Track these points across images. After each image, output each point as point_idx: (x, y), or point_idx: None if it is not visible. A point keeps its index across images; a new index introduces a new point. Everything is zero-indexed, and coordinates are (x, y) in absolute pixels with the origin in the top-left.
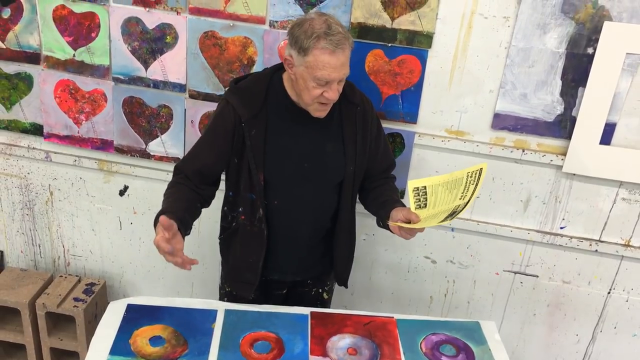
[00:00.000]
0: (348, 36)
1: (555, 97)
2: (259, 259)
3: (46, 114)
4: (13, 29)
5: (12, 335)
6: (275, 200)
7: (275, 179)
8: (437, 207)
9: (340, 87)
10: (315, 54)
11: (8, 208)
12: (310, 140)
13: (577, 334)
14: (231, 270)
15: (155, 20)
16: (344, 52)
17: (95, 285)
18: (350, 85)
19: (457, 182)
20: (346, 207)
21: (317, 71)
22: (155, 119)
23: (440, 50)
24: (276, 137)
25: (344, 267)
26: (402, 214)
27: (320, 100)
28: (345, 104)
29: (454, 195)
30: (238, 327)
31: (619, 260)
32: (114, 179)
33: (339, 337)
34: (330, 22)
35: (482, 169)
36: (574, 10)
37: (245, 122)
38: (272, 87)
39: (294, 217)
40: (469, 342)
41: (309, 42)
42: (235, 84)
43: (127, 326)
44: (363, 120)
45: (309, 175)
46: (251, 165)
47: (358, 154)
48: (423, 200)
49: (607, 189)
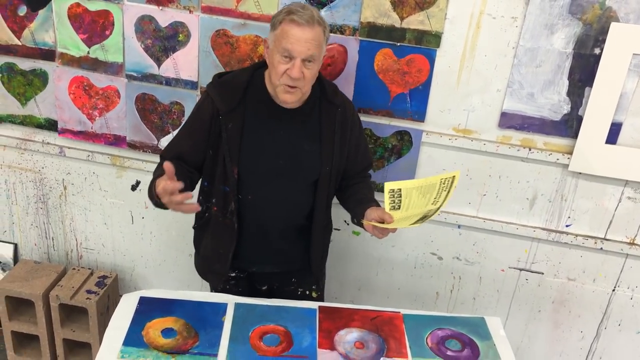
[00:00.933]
0: (322, 21)
1: (562, 96)
2: (229, 251)
3: (60, 110)
4: (29, 27)
5: (26, 326)
6: (249, 195)
7: (249, 174)
8: (410, 210)
9: (307, 71)
10: (283, 26)
11: (22, 202)
12: (287, 138)
13: (581, 330)
14: (202, 260)
15: (168, 18)
16: (313, 29)
17: (107, 278)
18: (333, 87)
19: (430, 188)
20: (321, 206)
21: (282, 41)
22: (167, 116)
23: (449, 49)
24: (252, 132)
25: (317, 265)
26: (377, 214)
27: (284, 80)
28: (325, 104)
29: (427, 200)
30: (248, 321)
31: (624, 258)
32: (126, 174)
33: (347, 331)
34: (307, 5)
35: (454, 177)
36: (581, 11)
37: (223, 115)
38: (252, 83)
39: (266, 212)
40: (475, 337)
41: (280, 17)
42: (218, 77)
43: (140, 318)
44: (342, 121)
45: (283, 173)
46: (226, 159)
47: (335, 155)
48: (397, 202)
49: (612, 187)
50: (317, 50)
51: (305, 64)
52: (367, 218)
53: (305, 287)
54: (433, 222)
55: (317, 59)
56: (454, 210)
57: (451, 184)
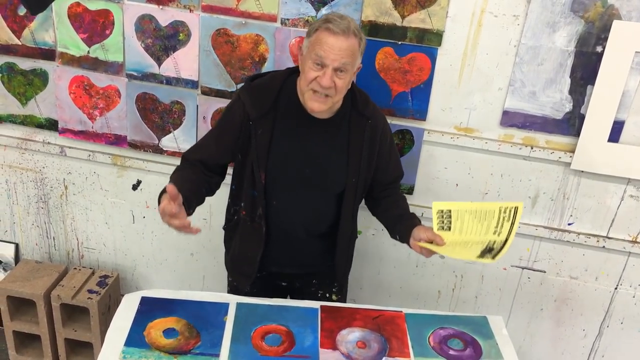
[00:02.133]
0: (358, 34)
1: (564, 94)
2: (257, 254)
3: (61, 110)
4: (29, 26)
5: (27, 326)
6: (274, 201)
7: (275, 180)
8: (465, 234)
9: (338, 80)
10: (318, 33)
11: (23, 201)
12: (315, 148)
13: (583, 329)
14: (230, 261)
15: (169, 17)
16: (347, 39)
17: (109, 277)
18: (365, 97)
19: (488, 214)
20: (346, 216)
21: (316, 48)
22: (168, 115)
23: (450, 48)
24: (281, 139)
25: (342, 272)
26: (426, 235)
27: (314, 86)
28: (355, 115)
29: (486, 228)
30: (249, 320)
31: (626, 257)
32: (127, 174)
33: (349, 330)
34: (346, 16)
35: (517, 208)
36: (583, 9)
37: (253, 121)
38: (284, 89)
39: (292, 219)
40: (477, 336)
41: (316, 24)
42: (250, 81)
43: (142, 318)
44: (372, 134)
45: (309, 182)
46: (254, 164)
47: (362, 168)
48: (447, 222)
49: (615, 186)
50: (349, 59)
51: (336, 73)
52: (415, 237)
53: (325, 290)
54: None
55: (350, 70)
56: None
57: (514, 215)
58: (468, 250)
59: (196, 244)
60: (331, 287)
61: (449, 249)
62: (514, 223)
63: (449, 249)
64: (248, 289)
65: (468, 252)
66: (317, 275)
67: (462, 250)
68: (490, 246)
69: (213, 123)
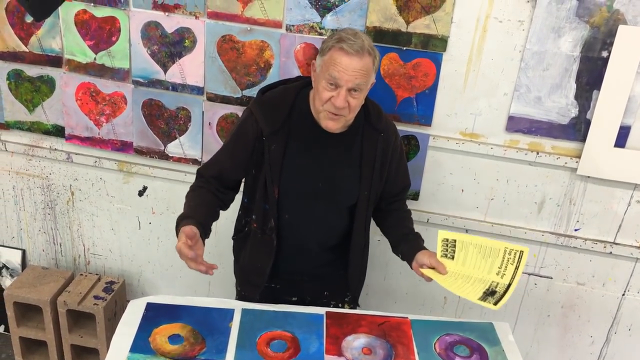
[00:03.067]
0: (372, 52)
1: (569, 100)
2: (267, 265)
3: (67, 116)
4: (36, 33)
5: (34, 332)
6: (286, 214)
7: (288, 195)
8: (468, 267)
9: (352, 100)
10: (332, 53)
11: (30, 208)
12: (328, 162)
13: (591, 335)
14: (240, 271)
15: (174, 24)
16: (362, 59)
17: (115, 283)
18: (377, 110)
19: (492, 252)
20: (359, 229)
21: (330, 68)
22: (173, 121)
23: (455, 53)
24: (295, 154)
25: (355, 284)
26: (430, 261)
27: (328, 108)
28: (368, 128)
29: (489, 266)
30: (255, 327)
31: (634, 263)
32: (133, 180)
33: (354, 336)
34: (360, 34)
35: (522, 252)
36: (588, 14)
37: (266, 137)
38: (297, 104)
39: (303, 232)
40: (483, 342)
41: (330, 43)
42: (262, 94)
43: (147, 324)
44: (384, 147)
45: (322, 195)
46: (267, 179)
47: (374, 180)
48: (451, 251)
49: (621, 191)
50: (364, 79)
51: (351, 93)
52: (418, 262)
53: (337, 300)
54: (440, 226)
55: (364, 89)
56: (461, 214)
57: (519, 260)
58: (470, 288)
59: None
60: (343, 297)
61: (450, 280)
62: (519, 267)
63: (451, 281)
64: (257, 298)
65: (470, 290)
66: (329, 286)
67: (464, 286)
68: (493, 288)
69: (218, 129)
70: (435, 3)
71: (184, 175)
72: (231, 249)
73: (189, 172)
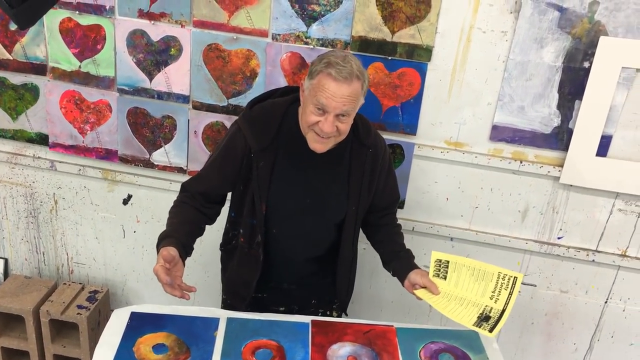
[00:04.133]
0: (362, 76)
1: (552, 109)
2: (253, 279)
3: (52, 124)
4: (20, 41)
5: (16, 342)
6: (274, 229)
7: (276, 210)
8: (461, 289)
9: (341, 124)
10: (320, 78)
11: (13, 216)
12: (316, 178)
13: (574, 342)
14: (227, 281)
15: (160, 32)
16: (350, 86)
17: (99, 292)
18: (366, 125)
19: (486, 276)
20: (347, 243)
21: (318, 94)
22: (159, 130)
23: (440, 63)
24: (283, 171)
25: (343, 297)
26: (422, 281)
27: (314, 129)
28: (357, 145)
29: (482, 289)
30: (240, 335)
31: (616, 270)
32: (117, 188)
33: (340, 345)
34: (349, 57)
35: (516, 278)
36: (570, 25)
37: (255, 153)
38: (286, 120)
39: (291, 247)
40: (468, 350)
41: (318, 66)
42: (250, 109)
43: (131, 334)
44: (373, 163)
45: (310, 211)
46: (255, 194)
47: (362, 196)
48: (443, 272)
49: (603, 199)
50: (352, 105)
51: (339, 118)
52: (411, 281)
53: (325, 308)
54: (425, 234)
55: (353, 113)
56: (446, 222)
57: (513, 285)
58: (464, 311)
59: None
60: (331, 304)
61: (443, 302)
62: (512, 293)
63: (444, 304)
64: (244, 308)
65: (464, 314)
66: (317, 294)
67: (457, 309)
68: (487, 313)
69: (204, 137)
70: (420, 13)
71: (169, 183)
72: (216, 258)
73: (174, 181)
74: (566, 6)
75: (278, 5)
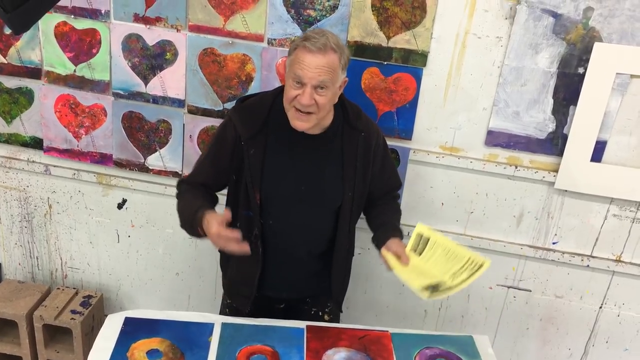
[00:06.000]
0: (338, 49)
1: (547, 115)
2: (255, 275)
3: (46, 128)
4: (15, 45)
5: (9, 347)
6: (270, 220)
7: (271, 199)
8: (429, 265)
9: (319, 97)
10: (297, 52)
11: (7, 220)
12: (309, 164)
13: (569, 348)
14: (229, 283)
15: (156, 37)
16: (325, 56)
17: (93, 297)
18: (356, 110)
19: (457, 258)
20: (343, 231)
21: (294, 67)
22: (154, 134)
23: (435, 68)
24: (274, 157)
25: (338, 289)
26: (396, 249)
27: (295, 104)
28: (347, 128)
29: (448, 268)
30: (234, 341)
31: (610, 276)
32: (112, 193)
33: (334, 350)
34: (326, 32)
35: (483, 264)
36: (565, 31)
37: (245, 141)
38: (274, 108)
39: (289, 238)
40: (463, 356)
41: (296, 42)
42: (241, 102)
43: (125, 339)
44: (366, 146)
45: (306, 199)
46: (248, 184)
47: (357, 181)
48: (421, 248)
49: (598, 205)
50: (329, 76)
51: (317, 90)
52: (387, 246)
53: (318, 308)
54: None
55: (331, 86)
56: (441, 227)
57: (477, 270)
58: (418, 279)
59: (182, 263)
60: (324, 305)
61: (406, 271)
62: (472, 276)
63: (406, 272)
64: (248, 309)
65: (417, 280)
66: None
67: (413, 276)
68: (436, 285)
69: (199, 141)
70: (415, 19)
71: (164, 188)
72: (211, 262)
73: (170, 185)
74: (561, 12)
75: (274, 10)
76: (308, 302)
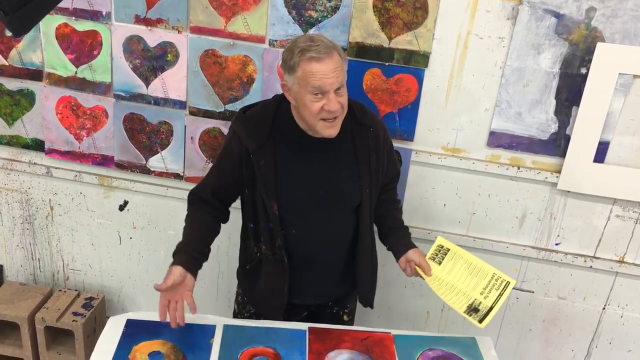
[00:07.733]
0: (335, 45)
1: (549, 115)
2: (284, 285)
3: (47, 130)
4: (16, 47)
5: (11, 349)
6: (292, 230)
7: (289, 208)
8: (452, 278)
9: (341, 98)
10: (303, 66)
11: (8, 222)
12: (323, 167)
13: (572, 349)
14: (259, 297)
15: (157, 38)
16: (332, 58)
17: (94, 299)
18: (360, 107)
19: (480, 273)
20: (365, 228)
21: (309, 81)
22: (155, 135)
23: (437, 69)
24: (286, 166)
25: (368, 288)
26: (419, 260)
27: (322, 115)
28: (356, 126)
29: (474, 284)
30: (236, 343)
31: (614, 277)
32: (113, 194)
33: (337, 352)
34: (313, 35)
35: (509, 283)
36: (567, 32)
37: (253, 154)
38: (279, 116)
39: (312, 244)
40: (466, 357)
41: (295, 59)
42: (243, 113)
43: (127, 341)
44: (375, 141)
45: (325, 202)
46: (264, 196)
47: (372, 176)
48: (440, 257)
49: (601, 206)
50: (342, 75)
51: (337, 92)
52: (409, 258)
53: (339, 307)
54: (423, 240)
55: (345, 84)
56: (443, 229)
57: (505, 288)
58: (454, 298)
59: None
60: (344, 305)
61: (436, 283)
62: (502, 295)
63: (436, 284)
64: (281, 318)
65: (455, 300)
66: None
67: (448, 294)
68: (476, 306)
69: (200, 143)
70: (417, 19)
71: (165, 189)
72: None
73: (171, 187)
74: (563, 12)
75: (275, 11)
76: (330, 306)
